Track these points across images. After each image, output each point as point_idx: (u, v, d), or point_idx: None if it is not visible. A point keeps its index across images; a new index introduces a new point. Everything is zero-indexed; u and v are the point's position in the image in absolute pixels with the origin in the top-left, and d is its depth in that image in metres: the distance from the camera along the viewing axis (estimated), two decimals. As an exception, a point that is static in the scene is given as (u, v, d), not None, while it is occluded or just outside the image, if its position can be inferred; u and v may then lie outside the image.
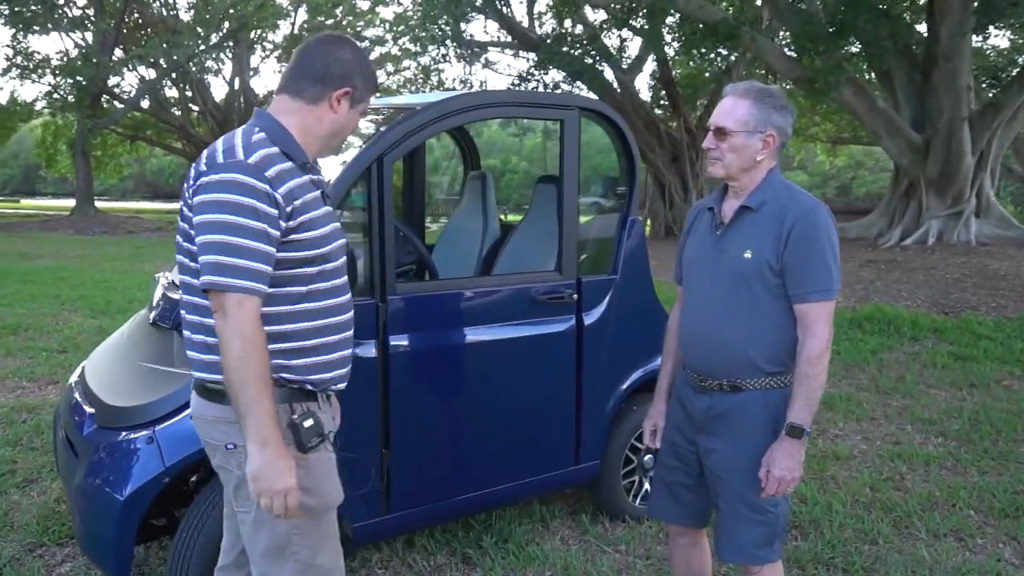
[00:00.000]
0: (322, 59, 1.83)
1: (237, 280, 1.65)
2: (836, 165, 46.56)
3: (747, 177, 2.16)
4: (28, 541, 3.25)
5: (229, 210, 1.66)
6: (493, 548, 3.25)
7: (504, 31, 18.17)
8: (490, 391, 3.06)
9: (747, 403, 2.16)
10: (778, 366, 2.14)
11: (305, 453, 1.78)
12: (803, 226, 2.06)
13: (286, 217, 1.73)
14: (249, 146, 1.73)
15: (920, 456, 4.42)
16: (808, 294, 2.07)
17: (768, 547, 2.21)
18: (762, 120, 2.10)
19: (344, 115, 1.87)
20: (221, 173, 1.69)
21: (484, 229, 3.98)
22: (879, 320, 7.55)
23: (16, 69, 25.73)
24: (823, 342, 2.05)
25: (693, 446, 2.30)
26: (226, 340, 1.65)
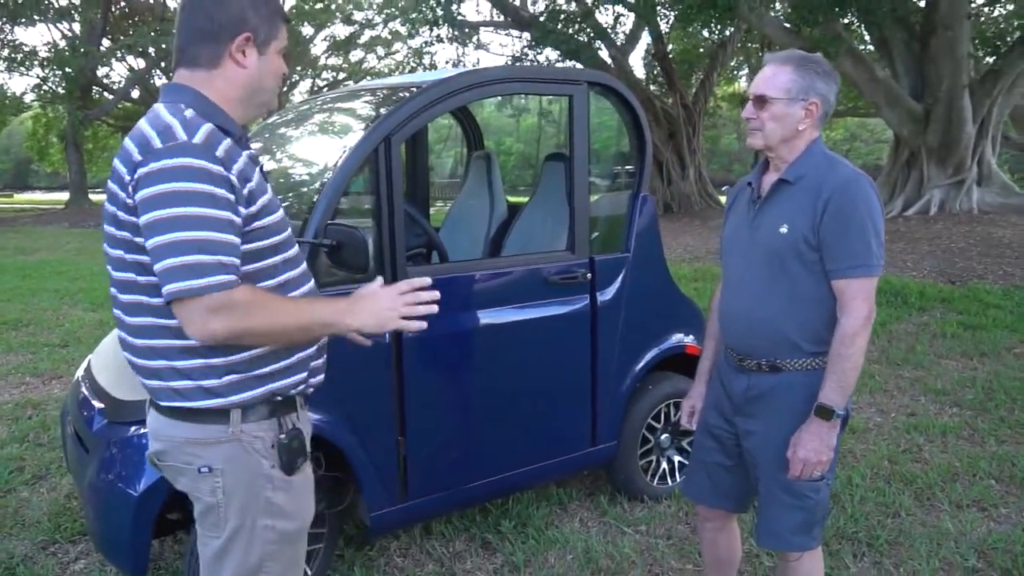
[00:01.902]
0: (204, 11, 1.55)
1: (211, 278, 1.42)
2: (832, 138, 46.49)
3: (787, 148, 2.07)
4: (40, 539, 3.20)
5: (185, 200, 1.41)
6: (512, 532, 3.21)
7: (497, 11, 17.96)
8: (505, 375, 3.00)
9: (786, 384, 2.09)
10: (819, 345, 2.05)
11: (290, 475, 1.65)
12: (840, 198, 1.96)
13: (245, 201, 1.51)
14: (188, 123, 1.47)
15: (936, 427, 4.38)
16: (845, 269, 1.97)
17: (806, 534, 2.14)
18: (805, 87, 2.01)
19: (255, 65, 1.59)
20: (165, 160, 1.43)
21: (491, 210, 3.91)
22: (887, 291, 7.50)
23: (3, 62, 25.41)
24: (859, 320, 1.97)
25: (732, 427, 2.23)
26: (252, 332, 1.48)
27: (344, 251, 2.39)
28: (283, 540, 1.68)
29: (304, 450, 1.68)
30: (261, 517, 1.64)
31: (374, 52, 30.62)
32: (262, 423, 1.62)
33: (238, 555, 1.65)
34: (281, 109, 3.73)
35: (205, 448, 1.60)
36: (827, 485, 2.13)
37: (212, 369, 1.56)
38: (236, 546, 1.65)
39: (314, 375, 1.76)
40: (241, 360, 1.57)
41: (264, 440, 1.62)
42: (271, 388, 1.62)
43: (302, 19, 28.00)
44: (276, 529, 1.66)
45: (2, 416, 4.72)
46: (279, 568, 1.69)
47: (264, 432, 1.62)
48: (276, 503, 1.65)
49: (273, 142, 3.37)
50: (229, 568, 1.66)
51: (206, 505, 1.64)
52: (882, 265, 2.02)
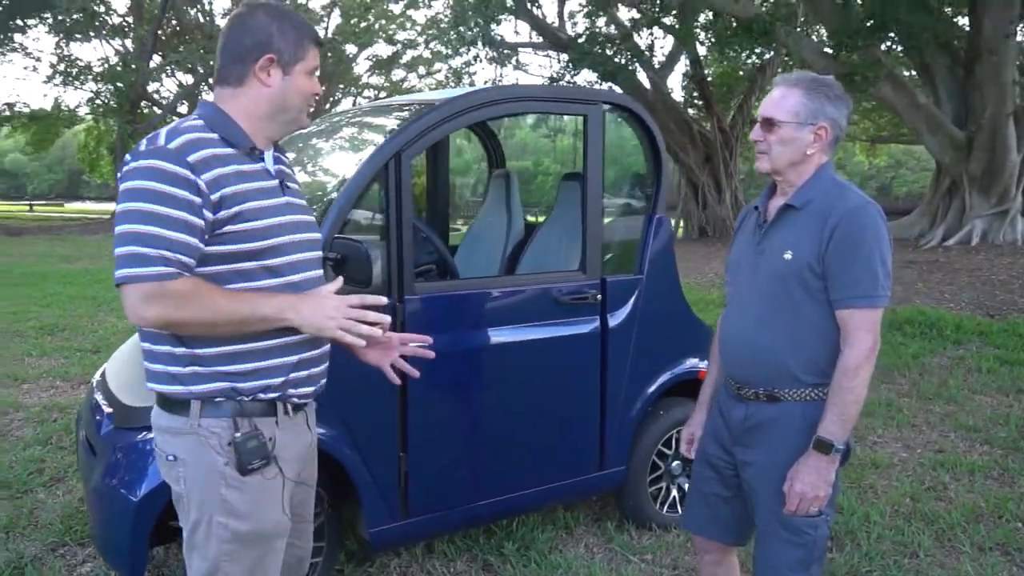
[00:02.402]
0: (235, 36, 1.69)
1: (149, 269, 1.53)
2: (876, 165, 45.70)
3: (794, 172, 2.02)
4: (51, 540, 3.25)
5: (143, 197, 1.55)
6: (515, 555, 3.17)
7: (535, 32, 18.10)
8: (511, 394, 2.98)
9: (785, 415, 2.02)
10: (819, 377, 1.99)
11: (244, 475, 1.67)
12: (847, 226, 1.91)
13: (212, 207, 1.59)
14: (175, 131, 1.62)
15: (964, 465, 4.23)
16: (849, 299, 1.92)
17: (803, 571, 2.05)
18: (814, 111, 1.97)
19: (279, 85, 1.71)
20: (139, 160, 1.58)
21: (508, 228, 3.91)
22: (921, 323, 7.31)
23: (60, 76, 26.28)
24: (863, 352, 1.91)
25: (730, 457, 2.17)
26: (187, 322, 1.58)
27: (349, 265, 2.41)
28: (238, 541, 1.69)
29: (264, 454, 1.69)
30: (216, 514, 1.68)
31: (415, 72, 31.04)
32: (221, 419, 1.67)
33: (200, 548, 1.71)
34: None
35: (173, 436, 1.70)
36: (826, 521, 2.05)
37: (177, 358, 1.65)
38: (197, 539, 1.71)
39: (295, 386, 1.77)
40: (207, 355, 1.65)
41: (220, 436, 1.66)
42: (234, 386, 1.67)
43: (346, 39, 28.56)
44: (229, 528, 1.68)
45: (29, 418, 4.82)
46: (239, 570, 1.71)
47: (221, 428, 1.67)
48: (229, 501, 1.67)
49: (298, 155, 3.41)
50: (195, 560, 1.73)
51: (176, 494, 1.74)
52: (888, 296, 1.96)
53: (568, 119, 14.43)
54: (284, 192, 1.76)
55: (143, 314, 1.57)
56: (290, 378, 1.74)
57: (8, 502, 3.60)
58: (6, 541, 3.23)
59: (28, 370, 5.94)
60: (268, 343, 1.69)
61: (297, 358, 1.75)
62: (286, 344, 1.72)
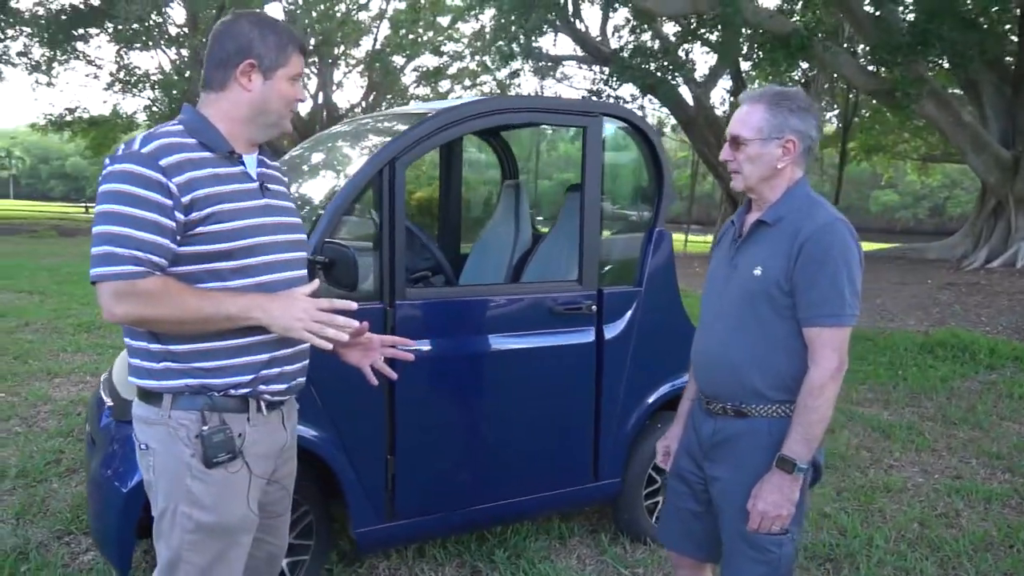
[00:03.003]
0: (219, 42, 1.75)
1: (120, 267, 1.59)
2: (928, 184, 44.57)
3: (768, 188, 2.02)
4: (57, 528, 3.36)
5: (115, 199, 1.61)
6: (504, 562, 3.18)
7: (578, 46, 18.15)
8: (500, 401, 2.99)
9: (751, 431, 2.01)
10: (786, 393, 1.97)
11: (209, 468, 1.72)
12: (815, 243, 1.90)
13: (183, 209, 1.64)
14: (150, 136, 1.67)
15: (981, 492, 4.11)
16: (815, 317, 1.90)
17: None
18: (778, 125, 1.96)
19: (259, 89, 1.76)
20: (113, 164, 1.64)
21: (515, 238, 3.94)
22: (953, 346, 7.12)
23: (119, 83, 27.18)
24: (828, 371, 1.89)
25: (701, 472, 2.16)
26: (156, 319, 1.63)
27: (336, 268, 2.46)
28: (202, 531, 1.74)
29: (230, 448, 1.73)
30: (181, 503, 1.73)
31: (461, 83, 31.33)
32: (189, 413, 1.72)
33: (166, 535, 1.76)
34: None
35: (147, 426, 1.76)
36: (792, 540, 2.02)
37: (151, 354, 1.72)
38: (164, 526, 1.75)
39: (267, 383, 1.81)
40: (180, 351, 1.71)
41: (188, 429, 1.71)
42: (203, 382, 1.72)
43: (394, 50, 29.02)
44: (193, 518, 1.72)
45: (56, 411, 4.99)
46: (200, 561, 1.75)
47: (189, 421, 1.72)
48: (194, 492, 1.72)
49: (299, 163, 3.50)
50: (162, 548, 1.78)
51: (147, 482, 1.80)
52: (856, 315, 1.93)
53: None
54: (264, 194, 1.81)
55: (114, 311, 1.62)
56: (261, 375, 1.78)
57: (23, 490, 3.73)
58: (16, 527, 3.35)
59: (62, 365, 6.14)
60: (239, 341, 1.74)
61: (268, 356, 1.79)
62: (257, 342, 1.76)
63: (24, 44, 25.01)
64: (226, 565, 1.80)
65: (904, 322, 8.44)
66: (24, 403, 5.10)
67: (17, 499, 3.62)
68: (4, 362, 6.11)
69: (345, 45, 28.56)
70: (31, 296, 9.35)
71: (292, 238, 1.87)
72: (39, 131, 29.52)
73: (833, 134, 23.35)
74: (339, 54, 29.33)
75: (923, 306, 8.92)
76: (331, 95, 29.23)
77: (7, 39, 24.24)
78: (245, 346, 1.75)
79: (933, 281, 10.10)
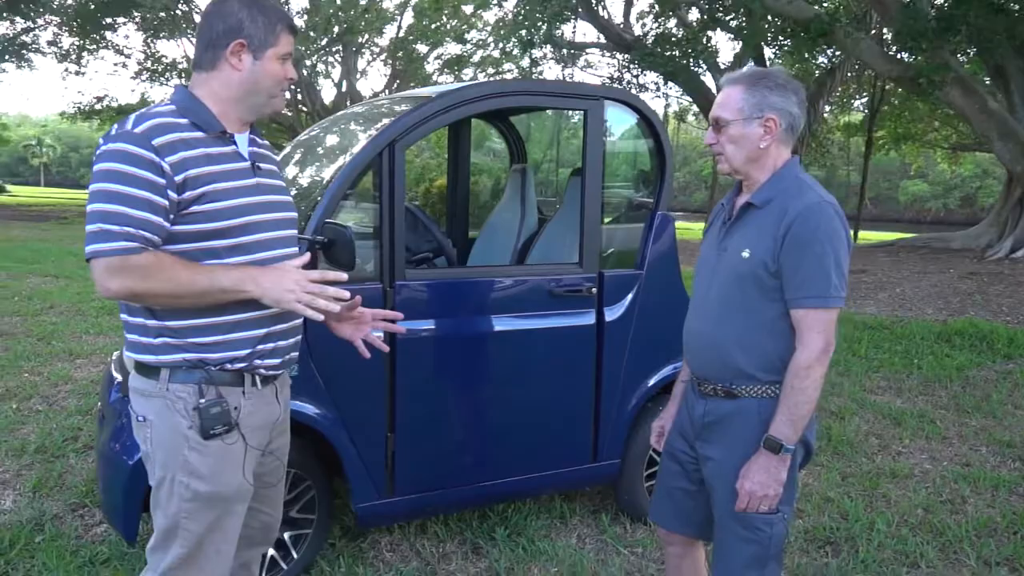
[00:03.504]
0: (209, 22, 1.78)
1: (113, 244, 1.63)
2: (959, 174, 43.80)
3: (755, 168, 2.02)
4: (72, 501, 3.47)
5: (108, 178, 1.64)
6: (504, 540, 3.23)
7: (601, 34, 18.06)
8: (499, 381, 3.04)
9: (741, 411, 2.03)
10: (775, 374, 1.98)
11: (206, 439, 1.77)
12: (801, 225, 1.89)
13: (176, 188, 1.68)
14: (143, 116, 1.71)
15: (989, 479, 4.09)
16: (801, 299, 1.91)
17: (759, 569, 2.05)
18: (757, 104, 1.96)
19: (249, 69, 1.78)
20: (107, 144, 1.67)
21: (521, 222, 3.97)
22: (971, 335, 7.03)
23: (146, 72, 27.50)
24: (813, 353, 1.90)
25: (693, 452, 2.18)
26: (150, 293, 1.66)
27: (335, 248, 2.51)
28: (198, 500, 1.79)
29: (226, 420, 1.78)
30: (179, 473, 1.78)
31: (484, 71, 31.30)
32: (187, 386, 1.76)
33: (163, 504, 1.81)
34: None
35: (144, 399, 1.80)
36: (783, 520, 2.04)
37: (148, 329, 1.76)
38: (161, 495, 1.81)
39: (262, 358, 1.86)
40: (176, 327, 1.75)
41: (186, 402, 1.76)
42: (200, 356, 1.76)
43: (418, 38, 29.06)
44: (191, 487, 1.78)
45: (76, 391, 5.12)
46: (197, 528, 1.80)
47: (186, 394, 1.76)
48: (191, 462, 1.77)
49: (308, 145, 3.55)
50: (159, 516, 1.83)
51: (144, 453, 1.84)
52: (842, 297, 1.92)
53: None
54: (256, 173, 1.84)
55: (108, 286, 1.66)
56: (256, 350, 1.83)
57: (41, 465, 3.85)
58: (32, 500, 3.46)
59: (83, 346, 6.28)
60: (235, 316, 1.79)
61: (264, 331, 1.84)
62: (253, 318, 1.81)
63: (53, 33, 25.41)
64: (221, 533, 1.86)
65: (923, 311, 8.35)
66: (46, 383, 5.24)
67: (35, 473, 3.74)
68: (29, 343, 6.26)
69: (369, 33, 28.61)
70: (57, 280, 9.55)
71: (284, 216, 1.91)
72: (69, 120, 29.97)
73: (860, 122, 23.00)
74: (363, 42, 29.40)
75: (943, 295, 8.81)
76: (355, 83, 29.35)
77: (37, 28, 24.58)
78: (241, 321, 1.79)
79: (955, 270, 9.96)
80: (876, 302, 8.88)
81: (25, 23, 24.15)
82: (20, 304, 7.83)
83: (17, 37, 24.31)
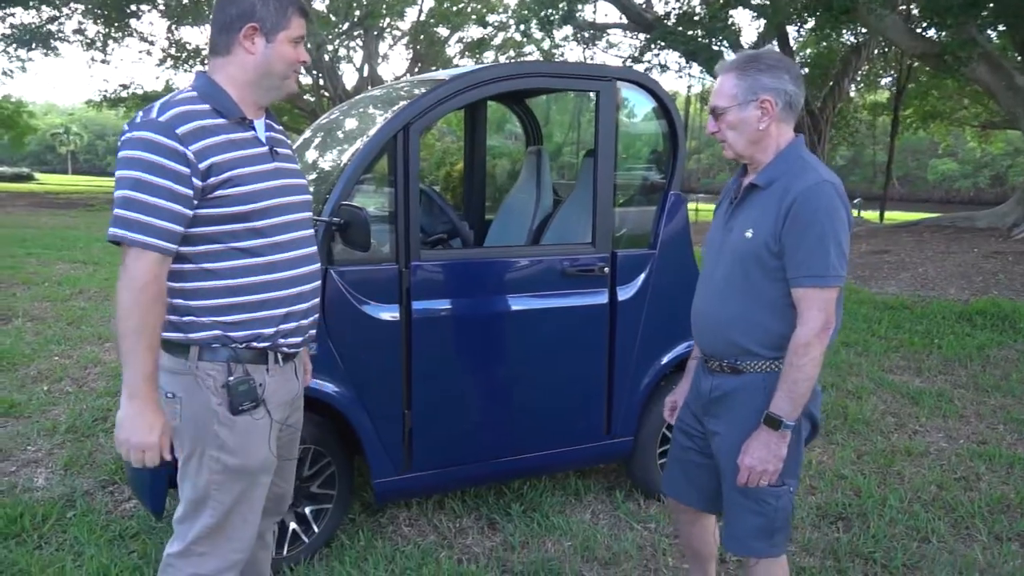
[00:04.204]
0: (222, 7, 1.82)
1: (134, 234, 1.68)
2: (989, 152, 42.95)
3: (759, 151, 2.06)
4: (102, 478, 3.59)
5: (133, 166, 1.69)
6: (520, 516, 3.30)
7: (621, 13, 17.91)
8: (513, 359, 3.09)
9: (746, 386, 2.08)
10: (778, 351, 2.03)
11: (235, 415, 1.84)
12: (802, 204, 1.93)
13: (200, 175, 1.73)
14: (167, 104, 1.75)
15: (1005, 457, 4.09)
16: (801, 278, 1.95)
17: (766, 540, 2.11)
18: (750, 87, 2.00)
19: (262, 52, 1.83)
20: (133, 131, 1.72)
21: (537, 203, 4.01)
22: (993, 315, 6.98)
23: (170, 60, 27.74)
24: (813, 331, 1.93)
25: (702, 427, 2.24)
26: (118, 290, 1.70)
27: (350, 229, 2.58)
28: (227, 472, 1.87)
29: (254, 397, 1.86)
30: (209, 447, 1.85)
31: (506, 54, 31.20)
32: (216, 363, 1.83)
33: (191, 478, 1.88)
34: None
35: (172, 376, 1.85)
36: (789, 492, 2.09)
37: (176, 308, 1.82)
38: (190, 469, 1.87)
39: (284, 336, 1.93)
40: (204, 306, 1.81)
41: (215, 379, 1.83)
42: (228, 335, 1.83)
43: (440, 20, 29.01)
44: (220, 461, 1.86)
45: (105, 372, 5.27)
46: (227, 500, 1.88)
47: (215, 372, 1.83)
48: (221, 437, 1.85)
49: (325, 129, 3.61)
50: (187, 488, 1.90)
51: (173, 428, 1.88)
52: (842, 276, 1.96)
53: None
54: (274, 158, 1.91)
55: (138, 270, 1.70)
56: (280, 329, 1.90)
57: (72, 444, 3.98)
58: (64, 477, 3.59)
59: (112, 331, 6.45)
60: (259, 296, 1.85)
61: (285, 311, 1.91)
62: (275, 298, 1.88)
63: (79, 22, 25.70)
64: (248, 503, 1.94)
65: (945, 291, 8.28)
66: (75, 365, 5.39)
67: (66, 452, 3.87)
68: (59, 327, 6.43)
69: (390, 17, 28.60)
70: (85, 266, 9.75)
71: (301, 199, 1.97)
72: (95, 107, 30.36)
73: (887, 101, 22.64)
74: (384, 26, 29.40)
75: (966, 275, 8.72)
76: (376, 67, 29.38)
77: (62, 16, 24.86)
78: (265, 301, 1.86)
79: (979, 250, 9.84)
80: (897, 282, 8.81)
81: (51, 11, 24.41)
82: (50, 289, 8.03)
83: (44, 25, 24.57)
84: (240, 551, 1.94)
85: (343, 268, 2.75)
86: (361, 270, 2.80)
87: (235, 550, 1.93)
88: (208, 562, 1.89)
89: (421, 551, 3.02)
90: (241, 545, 1.94)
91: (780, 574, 2.19)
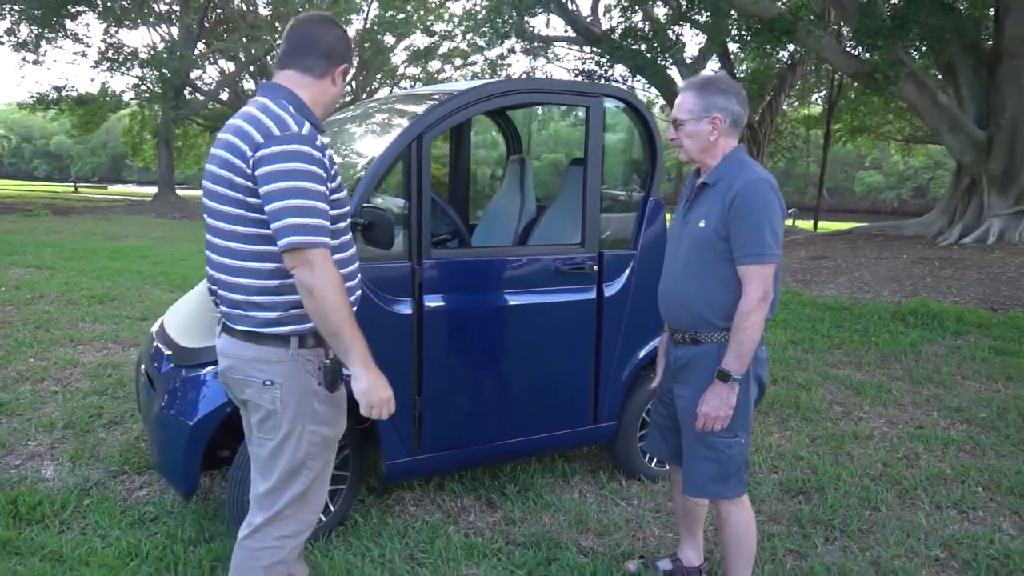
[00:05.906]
0: (325, 38, 2.06)
1: (317, 237, 1.88)
2: (912, 165, 45.14)
3: (708, 156, 2.49)
4: (112, 469, 3.73)
5: (299, 177, 1.87)
6: (515, 495, 3.58)
7: (569, 27, 18.40)
8: (514, 351, 3.38)
9: (705, 354, 2.48)
10: (729, 321, 2.43)
11: (332, 391, 2.11)
12: (742, 197, 2.36)
13: (331, 179, 1.99)
14: (297, 119, 1.95)
15: (939, 439, 4.56)
16: (743, 257, 2.37)
17: (722, 484, 2.51)
18: (704, 105, 2.43)
19: (339, 88, 2.12)
20: (284, 145, 1.89)
21: (521, 208, 4.31)
22: (923, 314, 7.58)
23: (107, 62, 27.11)
24: (754, 300, 2.35)
25: (671, 393, 2.64)
26: (321, 289, 1.88)
27: (375, 229, 2.83)
28: (323, 443, 2.15)
29: (340, 375, 2.11)
30: (309, 423, 2.10)
31: (451, 63, 31.47)
32: (314, 350, 2.08)
33: (289, 453, 2.11)
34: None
35: (269, 365, 2.06)
36: (740, 444, 2.50)
37: (276, 305, 2.03)
38: (288, 446, 2.10)
39: None
40: (298, 301, 2.01)
41: (313, 363, 2.09)
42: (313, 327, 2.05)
43: (384, 29, 29.10)
44: (319, 433, 2.12)
45: (86, 373, 5.34)
46: (318, 466, 2.16)
47: (314, 356, 2.09)
48: (320, 412, 2.11)
49: (336, 134, 3.85)
50: (282, 463, 2.11)
51: (266, 412, 2.09)
52: (777, 255, 2.38)
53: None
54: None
55: (330, 268, 1.92)
56: None
57: (74, 439, 4.10)
58: (73, 469, 3.72)
59: (83, 333, 6.47)
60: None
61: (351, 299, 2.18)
62: (353, 285, 2.18)
63: (11, 23, 24.92)
64: (327, 468, 2.23)
65: (879, 293, 8.90)
66: (54, 367, 5.44)
67: (69, 446, 3.99)
68: (27, 330, 6.43)
69: (335, 24, 28.48)
70: (40, 271, 9.63)
71: None
72: (26, 109, 29.42)
73: (819, 115, 23.74)
74: (329, 33, 29.21)
75: (898, 279, 9.38)
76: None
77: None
78: (351, 288, 2.13)
79: (908, 256, 10.56)
80: (836, 285, 9.41)
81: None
82: (9, 294, 7.96)
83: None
84: (315, 513, 2.22)
85: (362, 265, 2.99)
86: (378, 267, 3.05)
87: (312, 512, 2.21)
88: (290, 524, 2.16)
89: (430, 527, 3.28)
90: (317, 508, 2.22)
91: (745, 516, 2.59)
